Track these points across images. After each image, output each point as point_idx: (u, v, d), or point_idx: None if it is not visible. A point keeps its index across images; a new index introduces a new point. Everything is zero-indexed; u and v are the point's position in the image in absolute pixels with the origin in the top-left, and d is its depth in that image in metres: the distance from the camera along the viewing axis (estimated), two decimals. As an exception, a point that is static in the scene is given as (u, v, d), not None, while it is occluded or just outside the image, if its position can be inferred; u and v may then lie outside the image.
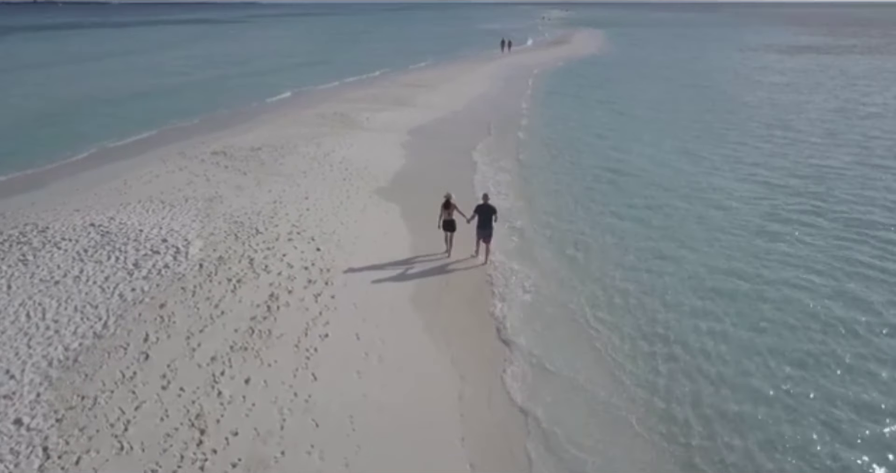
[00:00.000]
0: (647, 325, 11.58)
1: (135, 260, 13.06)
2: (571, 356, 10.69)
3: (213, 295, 12.02)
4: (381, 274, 13.47)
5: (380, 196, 18.44)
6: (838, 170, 21.01)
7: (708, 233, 15.69)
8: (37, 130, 27.96)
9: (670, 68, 52.87)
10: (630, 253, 14.67)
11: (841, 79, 44.59)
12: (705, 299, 12.49)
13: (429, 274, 13.75)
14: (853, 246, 14.91)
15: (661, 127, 28.39)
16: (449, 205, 13.94)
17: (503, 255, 14.52)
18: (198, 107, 33.41)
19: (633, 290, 12.91)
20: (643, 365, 10.45)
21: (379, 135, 25.77)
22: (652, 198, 18.42)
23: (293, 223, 15.77)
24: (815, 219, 16.67)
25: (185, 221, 15.44)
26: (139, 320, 11.07)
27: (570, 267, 14.04)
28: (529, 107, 33.32)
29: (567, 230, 16.09)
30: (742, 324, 11.53)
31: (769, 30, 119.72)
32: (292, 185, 18.87)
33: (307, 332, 11.04)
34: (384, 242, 15.16)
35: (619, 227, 16.21)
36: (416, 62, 56.47)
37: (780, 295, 12.55)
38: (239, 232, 15.02)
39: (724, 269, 13.73)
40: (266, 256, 13.79)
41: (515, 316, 11.94)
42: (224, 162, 21.24)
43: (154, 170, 20.19)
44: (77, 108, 33.53)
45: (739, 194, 18.61)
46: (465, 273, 13.85)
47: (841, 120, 29.59)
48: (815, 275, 13.40)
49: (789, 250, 14.67)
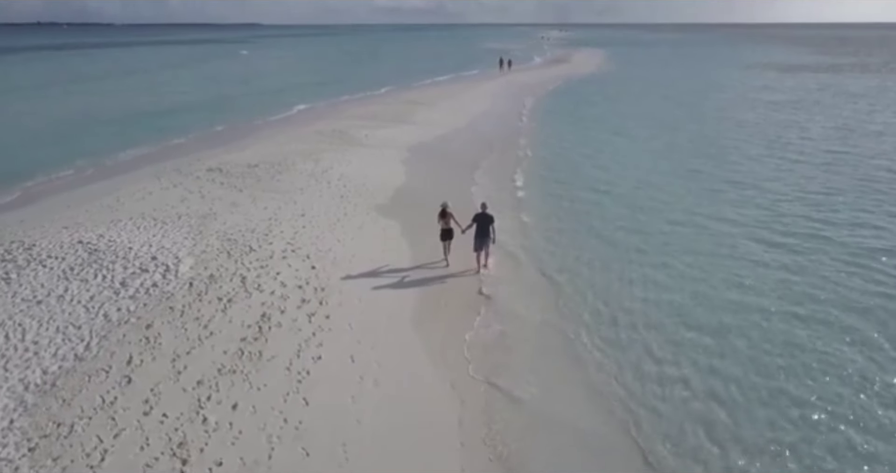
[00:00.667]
0: (647, 362, 10.90)
1: (122, 279, 12.58)
2: (567, 389, 10.17)
3: (203, 315, 11.53)
4: (377, 293, 13.01)
5: (378, 213, 18.02)
6: (841, 192, 20.25)
7: (706, 259, 14.87)
8: (32, 149, 27.70)
9: (668, 87, 52.83)
10: (628, 277, 14.03)
11: (841, 97, 44.38)
12: (707, 332, 11.83)
13: (428, 291, 13.29)
14: (857, 272, 14.10)
15: (659, 147, 27.79)
16: (445, 213, 14.18)
17: (504, 283, 14.07)
18: (195, 125, 33.18)
19: (633, 319, 12.36)
20: (641, 401, 9.80)
21: (378, 152, 25.44)
22: (651, 220, 17.67)
23: (288, 240, 15.32)
24: (817, 243, 15.82)
25: (176, 238, 14.99)
26: (123, 341, 10.57)
27: (568, 291, 13.53)
28: (528, 127, 32.97)
29: (565, 253, 15.52)
30: (739, 359, 10.74)
31: (765, 49, 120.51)
32: (288, 202, 18.46)
33: (299, 354, 10.54)
34: (381, 259, 14.70)
35: (617, 250, 15.59)
36: (416, 80, 56.50)
37: (779, 328, 11.75)
38: (232, 249, 14.56)
39: (722, 297, 13.06)
40: (259, 275, 13.31)
41: (507, 343, 11.45)
42: (220, 178, 20.86)
43: (148, 187, 19.79)
44: (75, 127, 33.32)
45: (739, 217, 17.85)
46: (466, 289, 13.41)
47: (843, 139, 29.01)
48: (818, 307, 12.57)
49: (790, 278, 13.83)
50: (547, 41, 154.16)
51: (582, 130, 31.90)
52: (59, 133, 31.77)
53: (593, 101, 42.97)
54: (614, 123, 33.86)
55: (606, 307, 12.67)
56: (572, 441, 8.84)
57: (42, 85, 56.41)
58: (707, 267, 14.45)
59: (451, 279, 14.09)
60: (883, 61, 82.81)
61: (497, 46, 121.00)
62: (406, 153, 25.54)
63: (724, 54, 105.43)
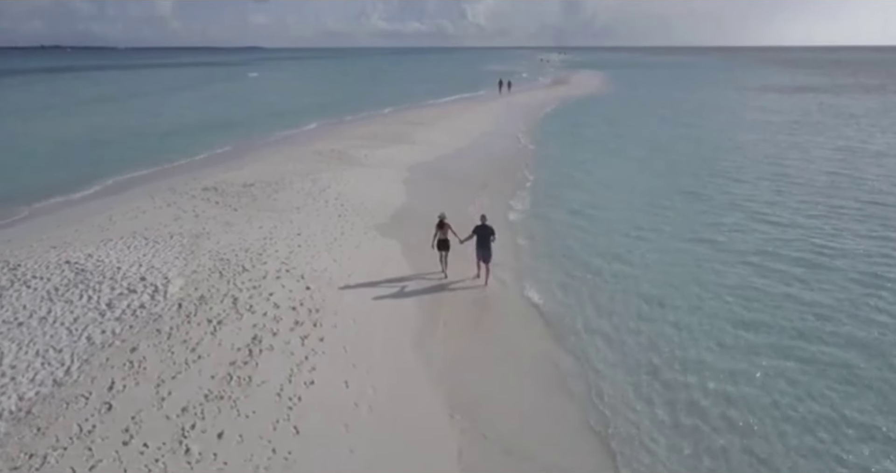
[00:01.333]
0: (647, 387, 10.44)
1: (108, 300, 12.09)
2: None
3: (191, 338, 11.02)
4: (374, 314, 12.52)
5: (376, 232, 17.60)
6: (845, 215, 19.58)
7: (704, 289, 14.05)
8: (27, 170, 27.27)
9: (668, 108, 52.73)
10: (631, 300, 13.52)
11: (841, 118, 44.23)
12: (708, 351, 11.40)
13: (427, 310, 12.85)
14: (861, 298, 13.48)
15: (659, 168, 27.20)
16: (443, 224, 14.31)
17: (498, 306, 13.60)
18: (193, 145, 32.87)
19: (635, 343, 11.89)
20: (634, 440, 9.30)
21: (377, 172, 25.11)
22: (648, 245, 16.97)
23: (282, 260, 14.86)
24: (820, 271, 15.01)
25: (167, 258, 14.53)
26: (106, 365, 10.05)
27: (560, 316, 13.09)
28: (528, 149, 32.66)
29: (560, 277, 15.06)
30: (740, 401, 9.93)
31: (762, 71, 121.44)
32: (284, 222, 18.04)
33: (291, 379, 10.01)
34: (379, 279, 14.25)
35: (617, 273, 15.06)
36: (416, 102, 56.61)
37: (773, 365, 11.08)
38: (224, 269, 14.10)
39: (724, 319, 12.56)
40: (251, 295, 12.83)
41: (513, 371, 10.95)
42: (215, 198, 20.48)
43: (141, 206, 19.39)
44: (72, 149, 32.95)
45: (742, 241, 17.19)
46: (465, 304, 13.01)
47: (844, 161, 28.46)
48: (821, 333, 12.06)
49: (794, 303, 13.29)
50: (547, 63, 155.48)
51: (581, 151, 31.57)
52: (57, 154, 31.51)
53: (592, 122, 42.82)
54: (613, 144, 33.60)
55: (612, 335, 12.18)
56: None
57: (44, 107, 56.36)
58: (704, 296, 13.64)
59: (450, 294, 13.76)
60: (881, 82, 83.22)
61: (498, 68, 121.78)
62: (406, 173, 25.21)
63: (721, 76, 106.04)
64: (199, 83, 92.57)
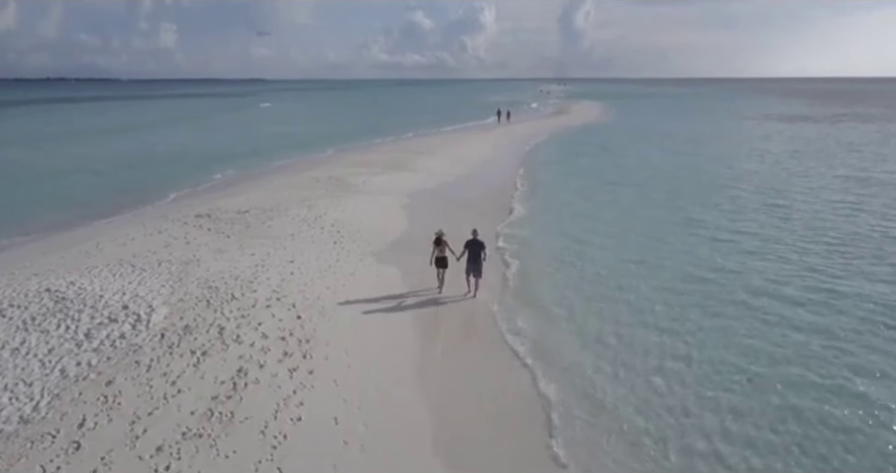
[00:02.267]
0: (648, 423, 9.78)
1: (87, 330, 11.46)
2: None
3: (172, 370, 10.36)
4: (368, 345, 11.86)
5: (372, 259, 17.02)
6: (849, 245, 18.65)
7: (712, 320, 13.35)
8: (14, 199, 26.63)
9: (667, 136, 52.28)
10: (622, 334, 12.70)
11: (842, 147, 43.75)
12: (712, 388, 10.70)
13: (424, 339, 12.26)
14: (873, 334, 12.64)
15: (658, 197, 26.39)
16: (440, 241, 14.38)
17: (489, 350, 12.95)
18: (191, 174, 32.43)
19: (637, 370, 11.26)
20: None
21: (374, 199, 24.66)
22: (649, 277, 16.00)
23: (274, 288, 14.26)
24: (828, 302, 14.16)
25: (153, 286, 13.93)
26: (78, 400, 9.37)
27: (575, 343, 12.43)
28: (528, 177, 31.96)
29: (558, 305, 14.42)
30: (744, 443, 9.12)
31: (762, 101, 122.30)
32: (278, 249, 17.49)
33: (277, 415, 9.32)
34: (373, 308, 13.62)
35: (610, 307, 14.14)
36: (417, 131, 56.62)
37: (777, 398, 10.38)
38: (212, 298, 13.48)
39: (726, 359, 11.73)
40: (239, 325, 12.19)
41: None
42: (207, 224, 19.96)
43: (131, 233, 18.86)
44: (67, 178, 32.18)
45: (747, 273, 16.14)
46: (464, 331, 12.34)
47: (848, 189, 27.60)
48: (827, 377, 11.06)
49: (790, 334, 12.52)
50: (547, 94, 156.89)
51: (579, 180, 30.83)
52: (48, 182, 30.93)
53: (591, 151, 42.39)
54: (612, 173, 32.94)
55: (614, 368, 11.50)
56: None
57: (41, 137, 56.31)
58: (710, 331, 12.82)
59: (447, 319, 13.26)
60: (879, 112, 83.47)
61: (499, 99, 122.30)
62: (404, 199, 24.74)
63: (719, 106, 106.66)
64: (207, 113, 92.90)
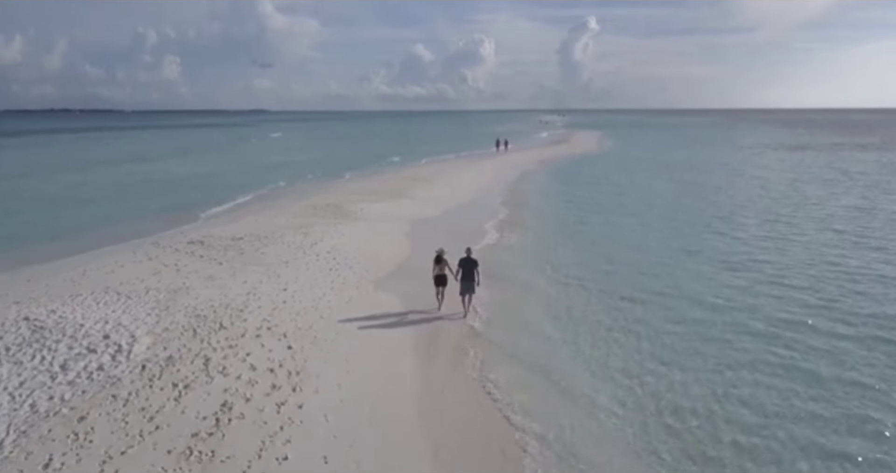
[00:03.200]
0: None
1: (63, 361, 10.81)
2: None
3: (151, 405, 9.68)
4: (362, 377, 11.16)
5: (368, 287, 16.41)
6: (856, 275, 17.76)
7: (713, 363, 12.20)
8: (8, 227, 26.03)
9: (667, 165, 51.62)
10: (619, 367, 11.89)
11: (846, 175, 43.29)
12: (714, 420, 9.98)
13: (422, 371, 11.51)
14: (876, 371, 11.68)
15: (658, 225, 25.59)
16: (441, 260, 14.59)
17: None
18: (187, 202, 31.89)
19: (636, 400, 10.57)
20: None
21: (372, 226, 24.16)
22: (651, 311, 14.99)
23: (265, 317, 13.64)
24: (838, 337, 13.21)
25: (138, 315, 13.32)
26: (47, 438, 8.69)
27: (580, 378, 11.75)
28: (526, 205, 31.51)
29: (575, 330, 13.81)
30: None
31: (759, 131, 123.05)
32: (271, 276, 16.92)
33: (261, 454, 8.62)
34: (369, 337, 12.96)
35: (612, 343, 13.25)
36: (416, 159, 56.48)
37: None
38: (199, 327, 12.86)
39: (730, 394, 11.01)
40: (226, 355, 11.54)
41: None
42: (200, 251, 19.42)
43: (120, 260, 18.30)
44: (59, 207, 31.52)
45: (754, 305, 15.29)
46: (464, 363, 11.62)
47: (853, 218, 26.78)
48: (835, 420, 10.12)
49: (809, 376, 11.51)
50: (546, 124, 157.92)
51: (581, 208, 30.12)
52: (40, 211, 30.42)
53: (591, 180, 41.84)
54: (614, 201, 32.34)
55: (618, 393, 10.82)
56: None
57: (47, 167, 56.22)
58: (716, 377, 11.76)
59: (447, 345, 12.74)
60: (881, 141, 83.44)
61: (500, 129, 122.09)
62: (403, 227, 24.23)
63: (719, 136, 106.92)
64: (213, 144, 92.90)
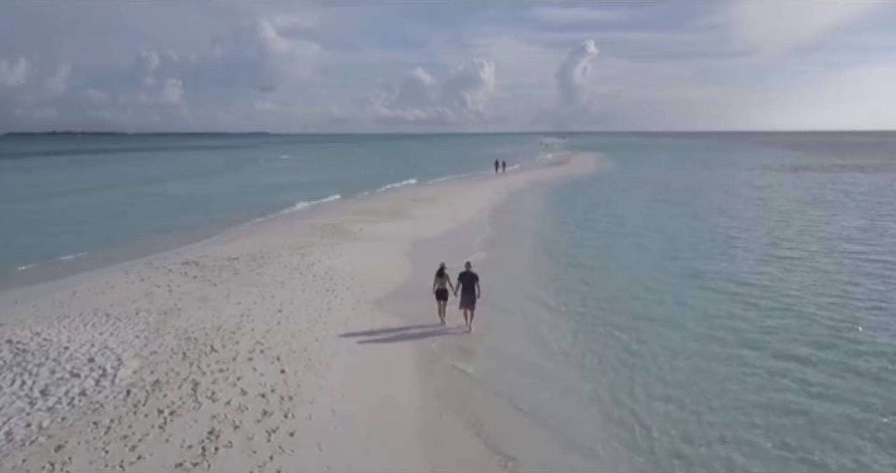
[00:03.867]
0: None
1: (44, 386, 10.32)
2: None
3: (134, 433, 9.16)
4: (359, 402, 10.64)
5: (366, 307, 15.94)
6: (867, 302, 16.94)
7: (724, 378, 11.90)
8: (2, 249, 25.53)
9: (672, 188, 50.78)
10: (623, 388, 11.47)
11: (849, 196, 42.92)
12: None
13: (422, 394, 10.99)
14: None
15: (660, 250, 24.51)
16: (443, 273, 14.76)
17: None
18: (184, 222, 31.48)
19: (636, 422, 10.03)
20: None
21: (370, 246, 23.75)
22: (655, 338, 14.25)
23: (258, 339, 13.15)
24: (847, 367, 12.42)
25: (126, 337, 12.84)
26: (21, 468, 8.16)
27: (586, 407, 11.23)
28: (524, 227, 30.92)
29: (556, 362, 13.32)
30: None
31: (760, 152, 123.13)
32: (266, 297, 16.46)
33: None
34: (364, 359, 12.46)
35: (628, 361, 12.93)
36: (417, 180, 56.26)
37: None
38: (189, 350, 12.37)
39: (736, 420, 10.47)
40: (215, 380, 11.04)
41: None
42: (194, 272, 18.98)
43: (111, 281, 17.86)
44: (55, 228, 30.87)
45: (756, 339, 14.19)
46: (465, 385, 11.07)
47: (861, 240, 26.06)
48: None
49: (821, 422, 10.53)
50: (546, 146, 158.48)
51: (583, 230, 29.22)
52: (34, 232, 30.00)
53: (592, 201, 41.41)
54: (616, 223, 31.56)
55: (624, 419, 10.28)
56: None
57: (51, 192, 56.07)
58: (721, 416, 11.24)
59: (448, 363, 12.24)
60: (883, 162, 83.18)
61: (500, 151, 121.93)
62: (402, 247, 23.81)
63: (719, 157, 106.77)
64: (220, 168, 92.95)
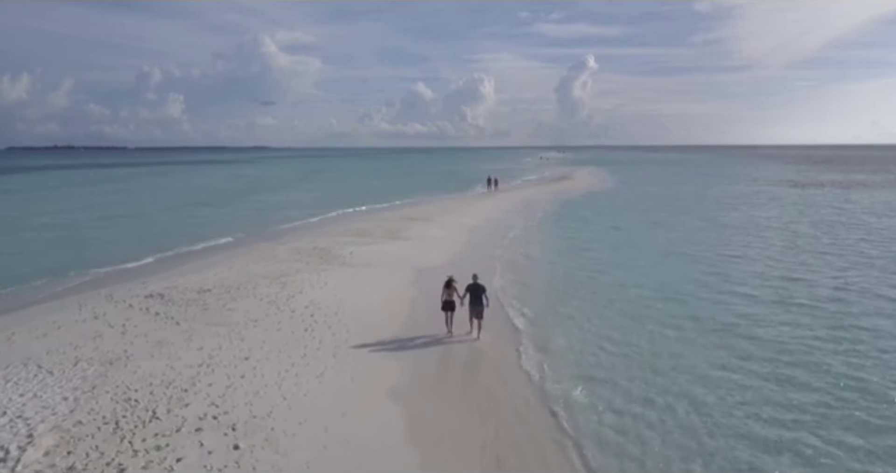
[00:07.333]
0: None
1: (-79, 479, 8.11)
2: None
3: (23, 551, 6.94)
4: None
5: (347, 356, 13.64)
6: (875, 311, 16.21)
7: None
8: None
9: (677, 202, 49.24)
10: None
11: (864, 214, 40.97)
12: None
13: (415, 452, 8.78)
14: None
15: (669, 269, 22.95)
16: (451, 285, 14.87)
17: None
18: (161, 244, 29.14)
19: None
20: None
21: (360, 272, 21.55)
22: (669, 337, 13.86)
23: (213, 400, 10.94)
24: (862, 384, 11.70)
25: (52, 400, 10.63)
26: None
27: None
28: (523, 245, 28.83)
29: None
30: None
31: (762, 166, 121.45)
32: (234, 340, 14.27)
33: None
34: (337, 433, 10.19)
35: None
36: (409, 198, 54.07)
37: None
38: (125, 417, 10.16)
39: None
40: (148, 463, 8.81)
41: None
42: (157, 307, 16.80)
43: (59, 320, 15.64)
44: (22, 255, 28.91)
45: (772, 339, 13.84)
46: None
47: (871, 255, 24.76)
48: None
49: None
50: (547, 161, 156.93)
51: (586, 249, 27.45)
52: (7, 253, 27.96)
53: (597, 218, 39.26)
54: (620, 241, 29.76)
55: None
56: None
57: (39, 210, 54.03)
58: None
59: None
60: (884, 179, 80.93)
61: (497, 167, 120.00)
62: (396, 274, 21.60)
63: (722, 172, 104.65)
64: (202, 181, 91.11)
